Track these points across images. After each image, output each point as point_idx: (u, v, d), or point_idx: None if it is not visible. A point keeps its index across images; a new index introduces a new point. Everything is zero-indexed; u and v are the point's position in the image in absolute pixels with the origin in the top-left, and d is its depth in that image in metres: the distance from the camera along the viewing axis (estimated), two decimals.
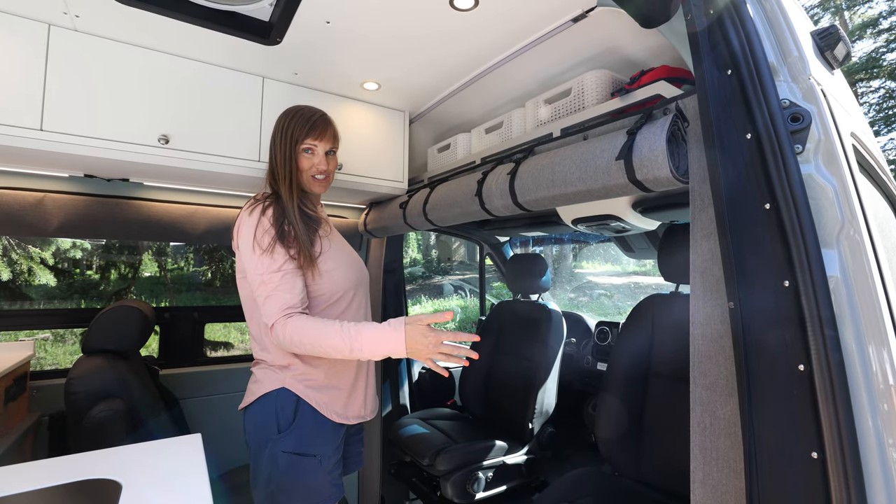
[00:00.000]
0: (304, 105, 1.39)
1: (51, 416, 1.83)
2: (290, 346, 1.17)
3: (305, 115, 1.34)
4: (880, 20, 8.66)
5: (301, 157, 1.34)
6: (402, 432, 2.21)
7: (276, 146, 1.34)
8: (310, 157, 1.35)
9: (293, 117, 1.34)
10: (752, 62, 0.80)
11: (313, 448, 1.25)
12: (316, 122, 1.34)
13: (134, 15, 1.31)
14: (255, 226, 1.23)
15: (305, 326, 1.16)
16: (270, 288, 1.19)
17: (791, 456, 0.68)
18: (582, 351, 2.70)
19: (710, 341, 0.83)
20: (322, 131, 1.35)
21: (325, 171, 1.37)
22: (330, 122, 1.38)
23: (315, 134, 1.33)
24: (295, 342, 1.16)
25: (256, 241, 1.22)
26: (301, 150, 1.33)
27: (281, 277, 1.20)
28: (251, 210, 1.26)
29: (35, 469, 0.94)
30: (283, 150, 1.32)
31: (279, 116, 1.37)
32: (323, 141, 1.35)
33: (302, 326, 1.16)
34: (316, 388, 1.29)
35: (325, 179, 1.39)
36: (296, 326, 1.16)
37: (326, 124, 1.37)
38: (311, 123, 1.33)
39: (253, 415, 1.28)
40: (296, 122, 1.33)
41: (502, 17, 1.32)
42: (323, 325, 1.16)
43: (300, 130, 1.32)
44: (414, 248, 15.13)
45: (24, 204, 1.69)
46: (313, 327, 1.16)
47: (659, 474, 1.59)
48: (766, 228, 0.74)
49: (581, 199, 1.24)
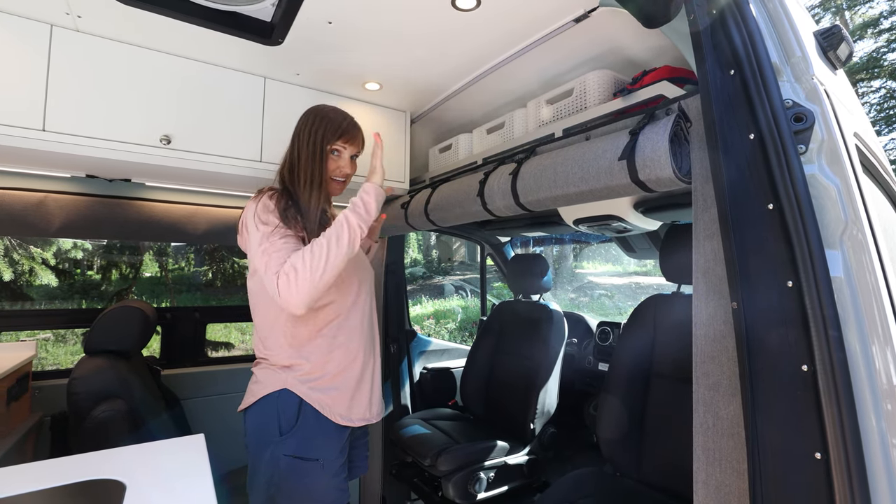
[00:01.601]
0: (329, 106, 1.39)
1: (53, 416, 1.84)
2: (301, 279, 1.09)
3: (337, 119, 1.35)
4: (881, 20, 8.65)
5: (329, 159, 1.34)
6: (404, 433, 2.20)
7: (301, 145, 1.33)
8: (336, 160, 1.35)
9: (323, 118, 1.34)
10: (755, 62, 0.80)
11: (316, 452, 1.24)
12: (347, 126, 1.35)
13: (136, 15, 1.31)
14: (257, 208, 1.23)
15: (307, 248, 1.14)
16: (272, 250, 1.15)
17: (794, 456, 0.68)
18: (583, 351, 2.70)
19: (713, 341, 0.83)
20: (353, 136, 1.36)
21: (348, 174, 1.39)
22: (360, 128, 1.40)
23: (347, 137, 1.34)
24: (305, 266, 1.10)
25: (259, 219, 1.20)
26: (329, 152, 1.34)
27: (283, 242, 1.17)
28: (255, 198, 1.27)
29: (39, 469, 0.94)
30: (309, 150, 1.31)
31: (304, 115, 1.37)
32: (352, 145, 1.36)
33: (304, 250, 1.14)
34: (319, 390, 1.27)
35: (345, 183, 1.40)
36: (298, 255, 1.12)
37: (357, 129, 1.38)
38: (343, 128, 1.34)
39: (253, 416, 1.27)
40: (326, 124, 1.33)
41: (504, 17, 1.32)
42: (319, 237, 1.17)
43: (332, 133, 1.32)
44: (414, 248, 15.13)
45: (26, 204, 1.69)
46: (315, 243, 1.15)
47: (661, 475, 1.58)
48: (770, 229, 0.74)
49: (583, 200, 1.24)
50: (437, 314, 10.25)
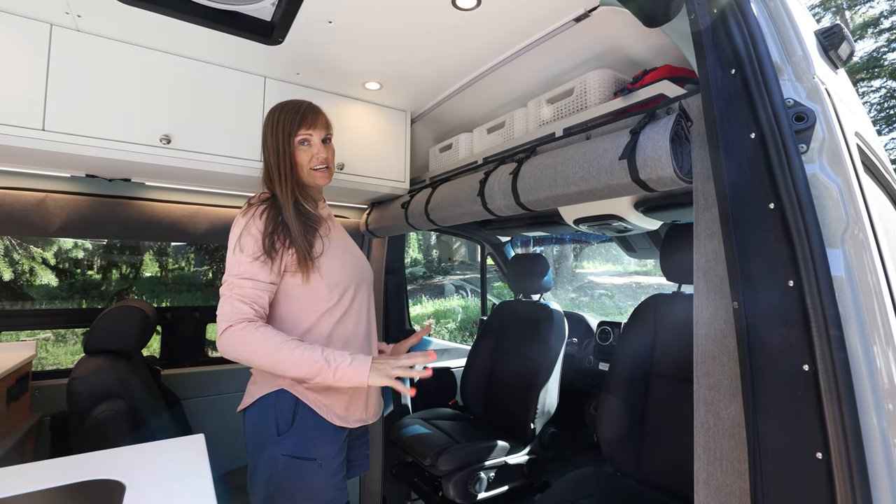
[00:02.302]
0: (289, 99, 1.35)
1: (53, 416, 1.83)
2: (240, 352, 1.14)
3: (294, 107, 1.30)
4: (881, 20, 8.65)
5: (297, 152, 1.30)
6: (404, 432, 2.20)
7: (268, 144, 1.30)
8: (307, 149, 1.30)
9: (281, 111, 1.30)
10: (756, 61, 0.79)
11: (313, 451, 1.23)
12: (306, 111, 1.30)
13: (136, 15, 1.31)
14: (243, 228, 1.21)
15: (268, 339, 1.13)
16: (237, 292, 1.16)
17: (796, 456, 0.68)
18: (584, 351, 2.70)
19: (714, 341, 0.83)
20: (314, 119, 1.30)
21: (325, 159, 1.33)
22: (320, 110, 1.34)
23: (307, 123, 1.29)
24: (252, 350, 1.13)
25: (240, 243, 1.20)
26: (297, 144, 1.29)
27: (252, 286, 1.17)
28: (244, 213, 1.24)
29: (39, 469, 0.94)
30: (277, 148, 1.28)
31: (267, 115, 1.33)
32: (317, 129, 1.31)
33: (270, 338, 1.13)
34: (316, 390, 1.26)
35: (327, 170, 1.34)
36: (257, 336, 1.13)
37: (317, 112, 1.32)
38: (301, 113, 1.29)
39: (252, 416, 1.27)
40: (285, 116, 1.28)
41: (504, 17, 1.32)
42: (297, 344, 1.15)
43: (291, 123, 1.28)
44: (415, 248, 15.13)
45: (26, 204, 1.69)
46: (277, 348, 1.13)
47: (661, 475, 1.58)
48: (771, 228, 0.74)
49: (584, 199, 1.23)
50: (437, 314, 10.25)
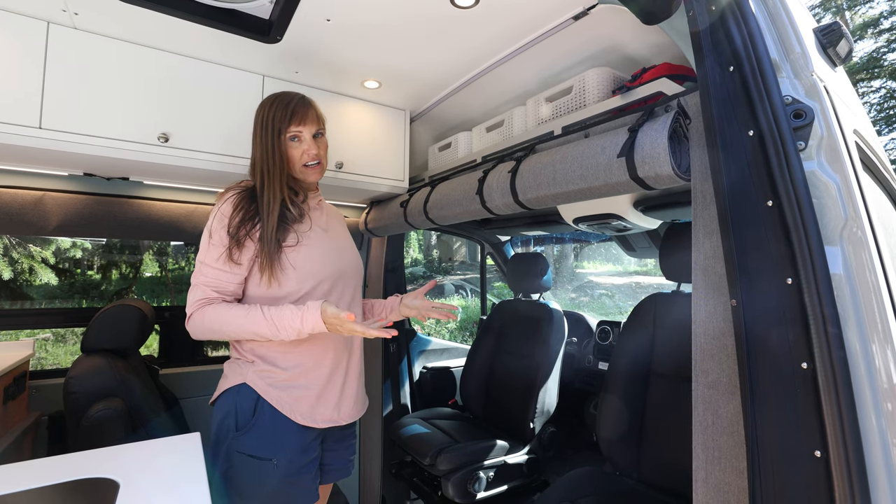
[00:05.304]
0: (279, 92, 1.31)
1: (50, 415, 1.83)
2: (203, 330, 1.17)
3: (283, 102, 1.26)
4: (881, 20, 8.64)
5: (289, 148, 1.26)
6: (403, 432, 2.20)
7: (258, 140, 1.26)
8: (298, 145, 1.27)
9: (271, 106, 1.26)
10: (755, 58, 0.79)
11: (269, 451, 1.18)
12: (296, 106, 1.26)
13: (133, 13, 1.30)
14: (215, 215, 1.21)
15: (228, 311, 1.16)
16: (201, 279, 1.18)
17: (794, 454, 0.67)
18: (583, 350, 2.69)
19: (712, 339, 0.82)
20: (304, 115, 1.26)
21: (317, 155, 1.29)
22: (311, 104, 1.30)
23: (297, 119, 1.25)
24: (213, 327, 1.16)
25: (210, 229, 1.19)
26: (287, 140, 1.26)
27: (214, 275, 1.18)
28: (217, 199, 1.24)
29: (33, 468, 0.94)
30: (265, 144, 1.24)
31: (256, 110, 1.30)
32: (307, 125, 1.27)
33: (223, 311, 1.16)
34: (279, 387, 1.21)
35: (319, 165, 1.30)
36: (216, 310, 1.16)
37: (307, 106, 1.28)
38: (291, 109, 1.25)
39: (217, 410, 1.25)
40: (275, 111, 1.25)
41: (503, 15, 1.32)
42: (247, 310, 1.16)
43: (281, 119, 1.24)
44: (415, 247, 15.13)
45: (24, 203, 1.69)
46: (235, 311, 1.15)
47: (660, 474, 1.58)
48: (769, 226, 0.74)
49: (582, 197, 1.23)
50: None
